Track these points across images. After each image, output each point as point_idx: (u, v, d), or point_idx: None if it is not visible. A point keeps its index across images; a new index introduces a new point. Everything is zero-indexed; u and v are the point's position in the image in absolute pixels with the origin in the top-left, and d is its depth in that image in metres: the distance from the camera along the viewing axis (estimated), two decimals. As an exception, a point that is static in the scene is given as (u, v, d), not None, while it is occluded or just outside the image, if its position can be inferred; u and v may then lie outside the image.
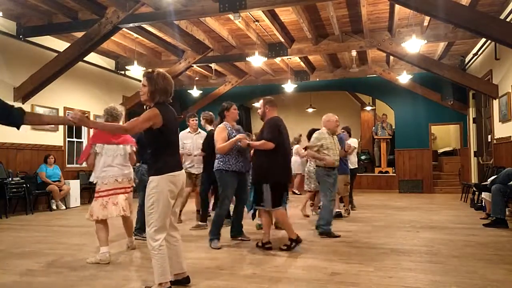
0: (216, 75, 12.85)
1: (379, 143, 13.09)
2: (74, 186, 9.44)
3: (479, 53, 9.72)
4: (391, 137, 12.99)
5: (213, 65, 11.84)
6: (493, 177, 6.58)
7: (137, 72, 10.72)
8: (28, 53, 8.84)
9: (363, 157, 13.97)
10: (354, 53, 10.74)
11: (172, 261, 3.18)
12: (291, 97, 13.85)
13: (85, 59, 9.56)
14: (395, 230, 5.84)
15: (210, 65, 11.88)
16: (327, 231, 5.29)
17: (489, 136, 9.29)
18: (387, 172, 12.85)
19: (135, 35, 9.45)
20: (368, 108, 15.51)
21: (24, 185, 8.09)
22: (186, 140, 6.57)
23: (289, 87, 12.13)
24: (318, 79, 13.18)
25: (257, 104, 4.95)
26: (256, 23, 8.67)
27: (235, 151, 4.80)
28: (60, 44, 9.36)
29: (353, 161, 7.78)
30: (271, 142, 4.51)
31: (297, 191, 11.49)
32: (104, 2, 7.68)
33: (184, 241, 3.46)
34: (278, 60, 11.40)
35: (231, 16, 7.40)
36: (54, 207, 8.81)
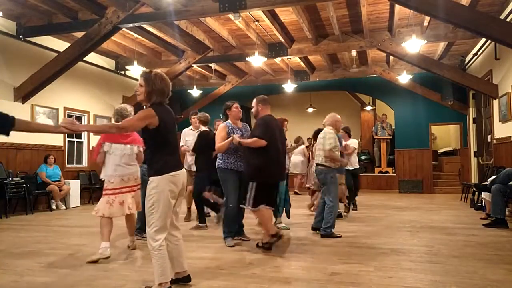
0: (216, 75, 12.84)
1: (379, 143, 13.09)
2: (74, 186, 9.44)
3: (479, 53, 9.72)
4: (391, 137, 12.99)
5: (213, 65, 11.85)
6: (493, 177, 6.58)
7: (137, 72, 10.66)
8: (28, 53, 8.84)
9: (363, 157, 13.98)
10: (354, 53, 10.74)
11: (173, 260, 3.19)
12: (291, 97, 13.85)
13: (85, 59, 9.57)
14: (395, 230, 5.84)
15: (210, 65, 11.89)
16: (329, 233, 5.29)
17: (489, 136, 9.29)
18: (387, 172, 12.86)
19: (135, 35, 9.45)
20: (368, 108, 15.51)
21: (24, 185, 8.09)
22: (188, 137, 6.81)
23: (289, 87, 12.12)
24: (318, 79, 13.18)
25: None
26: (256, 23, 8.67)
27: (233, 150, 4.82)
28: (60, 44, 9.37)
29: (354, 162, 7.79)
30: (263, 140, 4.47)
31: (298, 191, 11.49)
32: (104, 2, 7.68)
33: (185, 241, 3.46)
34: (278, 60, 11.40)
35: (231, 16, 7.40)
36: (54, 207, 8.81)
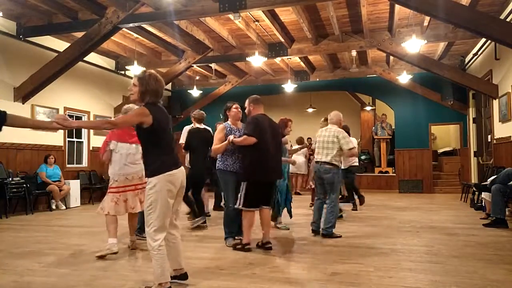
0: (216, 75, 12.85)
1: (379, 143, 13.08)
2: (74, 186, 9.44)
3: (479, 53, 9.72)
4: (391, 137, 12.98)
5: (213, 65, 11.84)
6: (493, 177, 6.58)
7: (137, 72, 10.68)
8: (28, 53, 8.84)
9: (363, 157, 13.96)
10: (354, 53, 10.74)
11: (170, 258, 3.20)
12: (291, 97, 13.84)
13: (85, 59, 9.57)
14: (395, 230, 5.83)
15: (210, 65, 11.89)
16: (330, 233, 5.28)
17: (489, 136, 9.29)
18: (387, 172, 12.85)
19: (135, 35, 9.45)
20: (368, 108, 15.50)
21: (24, 185, 8.09)
22: None
23: (289, 87, 12.11)
24: (318, 79, 13.17)
25: None
26: (256, 23, 8.67)
27: (231, 152, 4.79)
28: (60, 44, 9.36)
29: (347, 161, 7.76)
30: (253, 138, 4.43)
31: (299, 191, 11.48)
32: (104, 2, 7.68)
33: (185, 241, 3.45)
34: (278, 60, 11.39)
35: (231, 16, 7.40)
36: (54, 207, 8.81)
